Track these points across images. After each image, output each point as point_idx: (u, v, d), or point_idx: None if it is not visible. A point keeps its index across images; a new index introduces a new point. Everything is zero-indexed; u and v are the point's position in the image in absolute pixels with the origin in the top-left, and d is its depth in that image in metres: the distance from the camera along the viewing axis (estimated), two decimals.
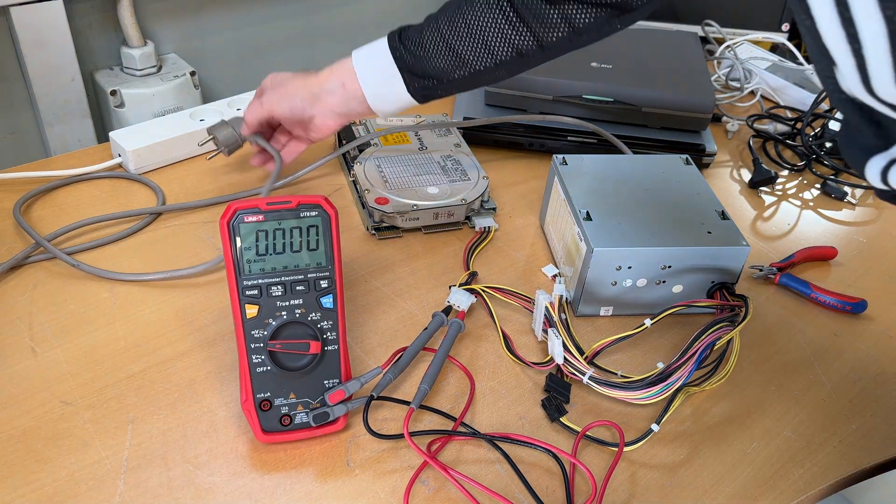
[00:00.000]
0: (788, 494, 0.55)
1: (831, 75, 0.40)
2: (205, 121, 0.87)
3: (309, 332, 0.53)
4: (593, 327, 0.67)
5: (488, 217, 0.78)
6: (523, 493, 0.53)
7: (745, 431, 0.59)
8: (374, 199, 0.74)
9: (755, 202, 0.87)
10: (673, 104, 0.89)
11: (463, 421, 0.57)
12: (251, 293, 0.52)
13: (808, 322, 0.70)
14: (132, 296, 0.66)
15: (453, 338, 0.62)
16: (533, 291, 0.66)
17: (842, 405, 0.62)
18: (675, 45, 1.00)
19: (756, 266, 0.75)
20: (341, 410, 0.54)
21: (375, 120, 0.87)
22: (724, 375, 0.61)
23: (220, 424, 0.56)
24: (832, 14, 0.36)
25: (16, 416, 0.55)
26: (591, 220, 0.66)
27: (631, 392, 0.57)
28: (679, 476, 0.55)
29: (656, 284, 0.66)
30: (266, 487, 0.52)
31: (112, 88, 1.08)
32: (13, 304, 0.64)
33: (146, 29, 1.15)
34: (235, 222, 0.51)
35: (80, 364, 0.59)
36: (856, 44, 0.36)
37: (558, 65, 0.93)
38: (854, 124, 0.44)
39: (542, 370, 0.62)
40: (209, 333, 0.63)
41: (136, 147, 0.81)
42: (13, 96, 1.07)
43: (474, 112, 0.92)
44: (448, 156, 0.82)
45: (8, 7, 0.96)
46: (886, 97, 0.37)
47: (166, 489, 0.51)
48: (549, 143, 0.91)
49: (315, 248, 0.53)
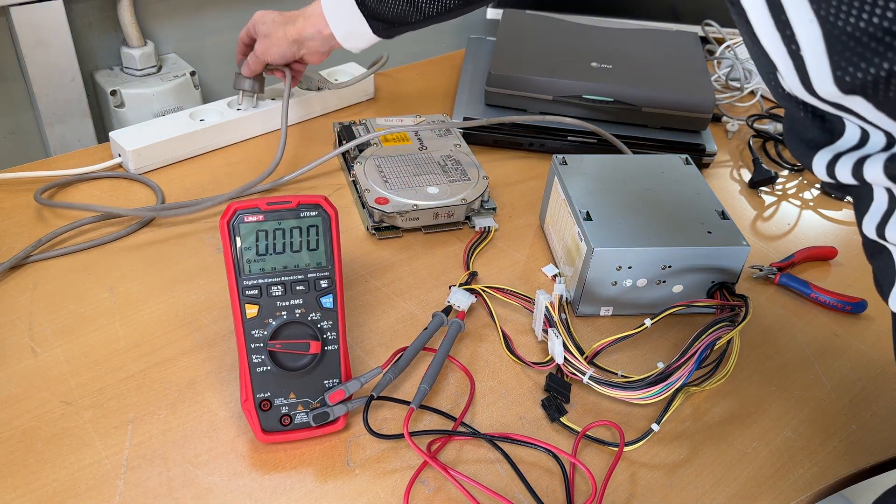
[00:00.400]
0: (788, 494, 0.55)
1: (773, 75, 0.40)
2: (204, 121, 0.87)
3: (309, 332, 0.53)
4: (593, 327, 0.67)
5: (488, 217, 0.78)
6: (523, 493, 0.53)
7: (745, 431, 0.59)
8: (374, 199, 0.74)
9: (755, 202, 0.87)
10: (673, 104, 0.89)
11: (463, 421, 0.57)
12: (251, 293, 0.52)
13: (808, 322, 0.70)
14: (132, 296, 0.66)
15: (453, 338, 0.62)
16: (533, 291, 0.66)
17: (842, 405, 0.62)
18: (675, 45, 1.00)
19: (756, 266, 0.75)
20: (341, 410, 0.54)
21: (375, 120, 0.87)
22: (724, 375, 0.61)
23: (220, 424, 0.56)
24: (767, 17, 0.36)
25: (16, 416, 0.55)
26: (591, 220, 0.66)
27: (631, 392, 0.57)
28: (679, 476, 0.55)
29: (656, 284, 0.66)
30: (266, 487, 0.52)
31: (112, 88, 1.08)
32: (13, 304, 0.64)
33: (146, 29, 1.15)
34: (235, 222, 0.51)
35: (80, 364, 0.59)
36: (793, 45, 0.36)
37: (558, 65, 0.93)
38: (798, 119, 0.44)
39: (542, 370, 0.62)
40: (209, 333, 0.63)
41: (136, 147, 0.81)
42: (13, 96, 1.07)
43: (474, 112, 0.92)
44: (448, 156, 0.82)
45: (8, 7, 0.96)
46: (827, 96, 0.37)
47: (166, 489, 0.51)
48: (549, 143, 0.91)
49: (315, 248, 0.53)
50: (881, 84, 0.34)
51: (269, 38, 0.81)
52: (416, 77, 1.08)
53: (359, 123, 0.87)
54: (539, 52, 0.95)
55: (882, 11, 0.32)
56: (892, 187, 0.40)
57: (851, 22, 0.33)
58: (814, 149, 0.44)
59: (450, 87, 1.06)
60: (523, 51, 0.96)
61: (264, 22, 0.81)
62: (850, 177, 0.41)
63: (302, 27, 0.78)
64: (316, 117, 0.96)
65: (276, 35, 0.80)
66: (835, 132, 0.42)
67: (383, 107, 1.00)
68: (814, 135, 0.43)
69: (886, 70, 0.33)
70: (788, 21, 0.36)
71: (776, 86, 0.41)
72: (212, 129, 0.86)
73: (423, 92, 1.04)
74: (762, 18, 0.37)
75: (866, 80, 0.34)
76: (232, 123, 0.88)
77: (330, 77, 0.98)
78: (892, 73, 0.33)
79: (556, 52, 0.96)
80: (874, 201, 0.41)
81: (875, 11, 0.32)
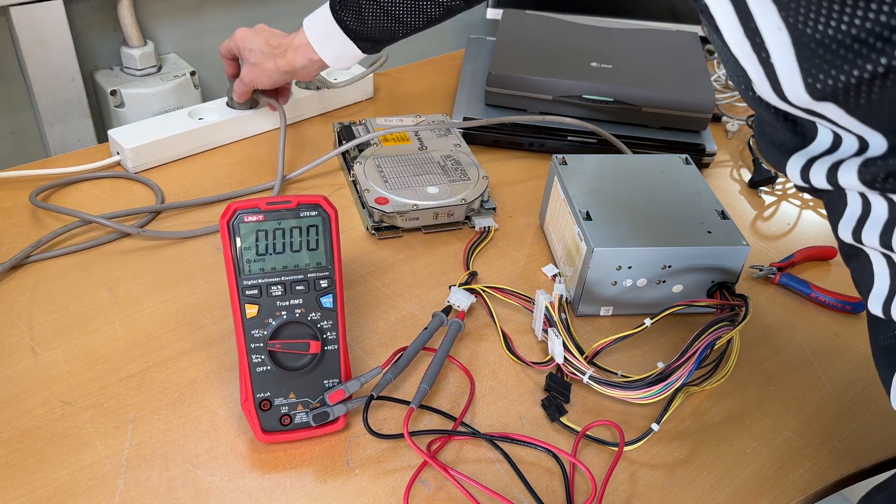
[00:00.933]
0: (788, 494, 0.55)
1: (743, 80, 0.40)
2: (203, 119, 0.87)
3: (309, 332, 0.53)
4: (593, 327, 0.67)
5: (488, 217, 0.78)
6: (523, 493, 0.53)
7: (745, 431, 0.59)
8: (374, 199, 0.74)
9: (755, 202, 0.87)
10: (673, 104, 0.89)
11: (463, 421, 0.57)
12: (251, 293, 0.52)
13: (808, 322, 0.70)
14: (132, 296, 0.66)
15: (453, 338, 0.62)
16: (533, 291, 0.66)
17: (842, 405, 0.62)
18: (675, 45, 1.00)
19: (756, 266, 0.75)
20: (341, 410, 0.54)
21: (375, 120, 0.87)
22: (724, 375, 0.61)
23: (220, 424, 0.56)
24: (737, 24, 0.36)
25: (16, 416, 0.55)
26: (591, 219, 0.66)
27: (631, 391, 0.57)
28: (679, 475, 0.55)
29: (656, 284, 0.66)
30: (266, 487, 0.52)
31: (112, 88, 1.08)
32: (13, 304, 0.64)
33: (146, 29, 1.15)
34: (235, 222, 0.51)
35: (80, 364, 0.59)
36: (763, 52, 0.36)
37: (558, 65, 0.93)
38: (769, 122, 0.44)
39: (542, 370, 0.62)
40: (209, 333, 0.63)
41: (135, 145, 0.81)
42: (13, 96, 1.07)
43: (474, 112, 0.92)
44: (448, 156, 0.82)
45: (8, 7, 0.96)
46: (799, 103, 0.37)
47: (166, 489, 0.51)
48: (549, 143, 0.91)
49: (315, 247, 0.53)
50: (852, 91, 0.34)
51: (259, 67, 0.80)
52: (416, 77, 1.08)
53: (358, 123, 0.87)
54: (539, 52, 0.95)
55: (850, 19, 0.32)
56: (865, 192, 0.39)
57: (820, 29, 0.33)
58: (786, 153, 0.43)
59: (450, 87, 1.06)
60: (523, 51, 0.96)
61: (250, 50, 0.80)
62: (824, 181, 0.41)
63: (293, 59, 0.78)
64: (315, 117, 0.96)
65: (265, 66, 0.80)
66: (807, 136, 0.42)
67: (383, 107, 1.00)
68: (786, 138, 0.43)
69: (857, 77, 0.33)
70: (758, 28, 0.35)
71: (746, 90, 0.41)
72: (211, 127, 0.86)
73: (423, 92, 1.04)
74: (732, 26, 0.37)
75: (837, 87, 0.34)
76: (231, 122, 0.88)
77: (329, 77, 0.98)
78: (862, 81, 0.33)
79: (555, 52, 0.96)
80: (848, 206, 0.41)
81: (843, 19, 0.32)
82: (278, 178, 0.80)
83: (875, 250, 0.41)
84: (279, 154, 0.83)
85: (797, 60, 0.35)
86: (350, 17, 0.74)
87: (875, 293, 0.42)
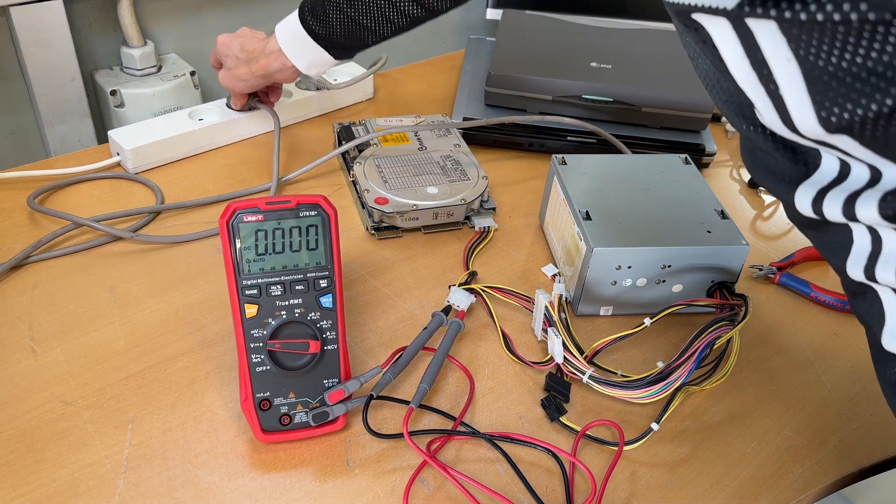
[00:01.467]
0: (788, 493, 0.55)
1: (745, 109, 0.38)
2: (203, 120, 0.87)
3: (308, 332, 0.53)
4: (593, 327, 0.67)
5: (488, 217, 0.78)
6: (523, 493, 0.53)
7: (745, 431, 0.59)
8: (374, 199, 0.74)
9: (755, 202, 0.87)
10: (673, 104, 0.89)
11: (462, 420, 0.57)
12: (250, 293, 0.52)
13: (808, 322, 0.70)
14: (132, 296, 0.66)
15: (453, 337, 0.62)
16: (533, 291, 0.66)
17: (842, 405, 0.62)
18: (675, 45, 1.00)
19: (756, 265, 0.75)
20: (341, 410, 0.54)
21: (375, 120, 0.87)
22: (723, 375, 0.61)
23: (220, 424, 0.56)
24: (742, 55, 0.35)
25: (16, 416, 0.55)
26: (591, 219, 0.66)
27: (631, 391, 0.57)
28: (679, 475, 0.55)
29: (656, 284, 0.66)
30: (266, 487, 0.52)
31: (112, 88, 1.08)
32: (13, 304, 0.64)
33: (146, 29, 1.15)
34: (235, 222, 0.51)
35: (80, 364, 0.59)
36: (772, 84, 0.35)
37: (558, 65, 0.93)
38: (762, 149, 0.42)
39: (542, 369, 0.62)
40: (209, 333, 0.63)
41: (135, 145, 0.81)
42: (13, 96, 1.07)
43: (474, 112, 0.92)
44: (448, 156, 0.82)
45: (8, 7, 0.96)
46: (810, 135, 0.36)
47: (166, 489, 0.51)
48: (549, 143, 0.91)
49: (314, 247, 0.53)
50: (868, 124, 0.32)
51: (234, 72, 0.81)
52: (416, 77, 1.08)
53: (358, 124, 0.87)
54: (538, 52, 0.95)
55: (866, 52, 0.30)
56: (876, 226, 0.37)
57: (833, 62, 0.32)
58: (791, 183, 0.41)
59: (449, 87, 1.06)
60: (523, 51, 0.96)
61: (226, 55, 0.81)
62: (839, 215, 0.39)
63: (266, 63, 0.78)
64: (315, 117, 0.96)
65: (239, 71, 0.80)
66: (809, 164, 0.40)
67: (382, 107, 1.00)
68: (785, 167, 0.41)
69: (875, 111, 0.32)
70: (765, 60, 0.34)
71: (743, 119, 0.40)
72: (211, 128, 0.86)
73: (423, 92, 1.04)
74: (737, 57, 0.35)
75: (853, 120, 0.33)
76: (231, 123, 0.88)
77: (329, 77, 0.98)
78: (881, 115, 0.32)
79: (555, 52, 0.96)
80: (854, 242, 0.39)
81: (858, 52, 0.30)
82: (273, 179, 0.80)
83: (887, 287, 0.39)
84: (273, 156, 0.82)
85: (808, 93, 0.34)
86: (318, 25, 0.74)
87: (889, 330, 0.40)
